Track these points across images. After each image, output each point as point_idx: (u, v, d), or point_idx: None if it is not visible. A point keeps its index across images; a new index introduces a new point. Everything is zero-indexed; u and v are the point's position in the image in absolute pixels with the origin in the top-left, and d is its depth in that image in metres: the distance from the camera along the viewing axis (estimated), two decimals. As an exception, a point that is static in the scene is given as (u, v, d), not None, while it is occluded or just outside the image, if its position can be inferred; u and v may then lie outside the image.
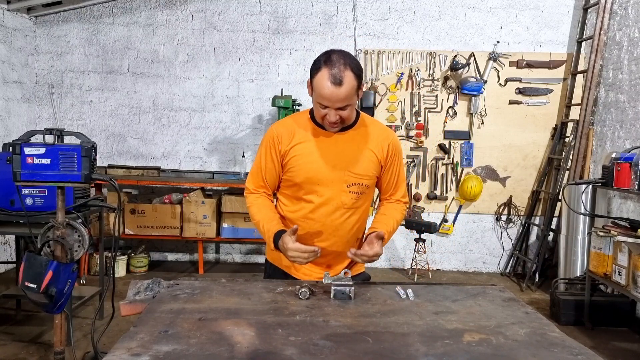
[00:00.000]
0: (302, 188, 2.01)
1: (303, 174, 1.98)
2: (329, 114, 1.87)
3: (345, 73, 1.80)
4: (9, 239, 5.37)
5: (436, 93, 5.77)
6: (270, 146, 2.01)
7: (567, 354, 1.36)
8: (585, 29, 5.58)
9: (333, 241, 2.05)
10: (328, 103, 1.84)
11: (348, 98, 1.84)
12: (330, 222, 2.02)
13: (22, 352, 3.43)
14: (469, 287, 1.96)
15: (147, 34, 5.82)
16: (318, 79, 1.84)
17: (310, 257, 1.86)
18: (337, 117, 1.88)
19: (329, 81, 1.80)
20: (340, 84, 1.80)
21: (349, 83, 1.81)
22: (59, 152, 2.18)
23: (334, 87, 1.80)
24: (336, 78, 1.79)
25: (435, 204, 5.87)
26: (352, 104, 1.88)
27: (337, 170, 1.98)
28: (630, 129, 4.75)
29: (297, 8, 5.78)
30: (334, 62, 1.82)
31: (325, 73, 1.81)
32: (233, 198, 5.36)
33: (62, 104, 5.88)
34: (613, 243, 3.91)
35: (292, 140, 1.99)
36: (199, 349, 1.32)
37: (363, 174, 2.00)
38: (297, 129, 2.01)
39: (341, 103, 1.84)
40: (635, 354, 3.78)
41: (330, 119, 1.88)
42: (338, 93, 1.81)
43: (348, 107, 1.87)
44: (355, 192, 2.01)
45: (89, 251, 4.76)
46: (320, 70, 1.83)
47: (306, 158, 1.98)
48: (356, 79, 1.84)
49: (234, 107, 5.88)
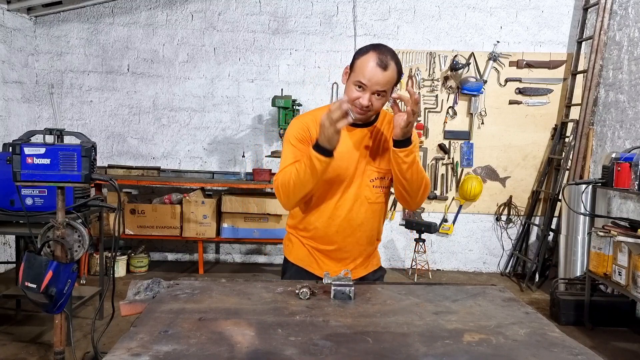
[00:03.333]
0: (328, 182, 1.98)
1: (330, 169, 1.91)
2: (363, 97, 1.86)
3: (391, 62, 1.84)
4: (9, 239, 5.37)
5: (436, 93, 5.77)
6: (301, 137, 1.98)
7: (567, 354, 1.36)
8: (585, 29, 5.58)
9: (357, 237, 2.05)
10: (368, 82, 1.84)
11: (387, 84, 1.85)
12: (355, 217, 2.01)
13: (22, 352, 3.43)
14: (469, 287, 1.96)
15: (147, 34, 5.82)
16: (363, 59, 1.85)
17: (343, 109, 1.73)
18: (370, 103, 1.87)
19: (374, 62, 1.83)
20: (385, 67, 1.83)
21: (392, 71, 1.85)
22: (59, 152, 2.18)
23: (378, 69, 1.83)
24: (382, 61, 1.83)
25: (435, 204, 5.87)
26: (386, 96, 1.90)
27: (361, 164, 1.99)
28: (630, 129, 4.75)
29: (297, 8, 5.77)
30: (382, 49, 1.87)
31: (373, 55, 1.84)
32: (233, 198, 5.37)
33: (62, 104, 5.88)
34: (613, 243, 3.91)
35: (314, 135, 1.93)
36: (199, 349, 1.32)
37: (385, 168, 2.01)
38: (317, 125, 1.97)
39: (380, 87, 1.84)
40: (635, 354, 3.78)
41: (363, 102, 1.86)
42: (381, 76, 1.83)
43: (383, 97, 1.88)
44: (378, 186, 2.03)
45: (89, 251, 4.76)
46: (368, 52, 1.86)
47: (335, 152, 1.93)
48: (397, 74, 1.88)
49: (234, 107, 5.88)
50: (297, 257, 2.13)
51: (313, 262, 2.09)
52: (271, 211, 5.30)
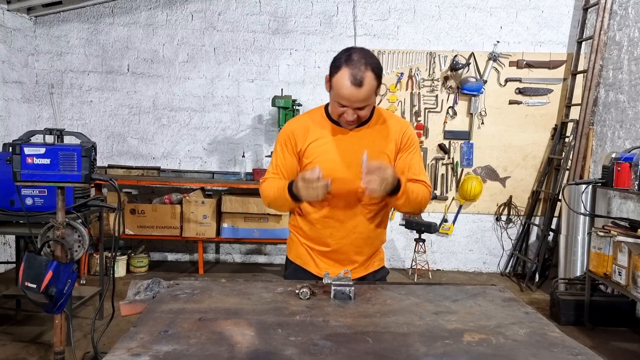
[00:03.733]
0: None
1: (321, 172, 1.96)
2: (346, 112, 1.86)
3: (366, 74, 1.78)
4: (9, 239, 5.37)
5: (436, 93, 5.77)
6: (285, 143, 2.02)
7: (567, 354, 1.36)
8: (585, 29, 5.58)
9: (353, 238, 2.04)
10: (347, 103, 1.83)
11: (367, 99, 1.83)
12: (350, 219, 2.01)
13: (22, 352, 3.43)
14: (469, 287, 1.96)
15: (147, 34, 5.82)
16: (338, 78, 1.81)
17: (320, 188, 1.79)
18: (355, 116, 1.87)
19: (349, 81, 1.78)
20: (360, 84, 1.78)
21: (369, 84, 1.79)
22: (59, 152, 2.18)
23: (354, 88, 1.78)
24: (356, 79, 1.77)
25: (435, 204, 5.87)
26: (371, 103, 1.89)
27: (353, 167, 1.96)
28: (630, 129, 4.75)
29: (297, 8, 5.77)
30: (354, 61, 1.79)
31: (345, 73, 1.79)
32: (233, 198, 5.36)
33: (62, 104, 5.88)
34: (613, 243, 3.91)
35: (307, 138, 1.99)
36: (199, 349, 1.32)
37: None
38: (312, 126, 2.01)
39: (360, 103, 1.83)
40: (635, 354, 3.78)
41: (347, 118, 1.88)
42: (358, 94, 1.79)
43: (366, 107, 1.87)
44: None
45: (89, 251, 4.76)
46: (341, 69, 1.80)
47: (323, 156, 1.97)
48: (376, 79, 1.82)
49: (234, 107, 5.88)
50: (296, 256, 2.14)
51: (310, 261, 2.10)
52: (271, 211, 5.29)
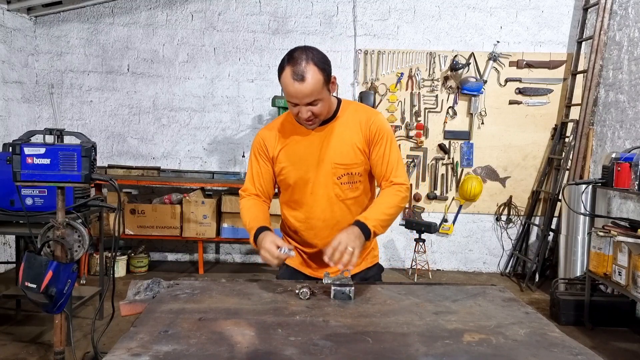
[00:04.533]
0: (296, 188, 2.03)
1: (293, 175, 2.01)
2: (300, 111, 1.87)
3: (307, 68, 1.80)
4: (9, 239, 5.37)
5: (436, 93, 5.77)
6: (259, 152, 2.06)
7: (567, 354, 1.36)
8: (585, 29, 5.58)
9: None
10: (295, 100, 1.84)
11: (314, 93, 1.82)
12: (331, 217, 2.02)
13: (22, 352, 3.43)
14: (469, 287, 1.96)
15: (147, 34, 5.82)
16: (283, 78, 1.84)
17: (278, 261, 1.82)
18: (309, 113, 1.87)
19: (291, 78, 1.80)
20: (302, 79, 1.79)
21: (312, 77, 1.80)
22: (59, 152, 2.18)
23: (297, 84, 1.80)
24: (298, 74, 1.79)
25: (435, 204, 5.87)
26: (322, 98, 1.86)
27: (324, 164, 1.98)
28: (630, 129, 4.75)
29: (297, 8, 5.78)
30: (295, 59, 1.82)
31: (288, 71, 1.81)
32: (233, 198, 5.36)
33: (62, 104, 5.88)
34: (613, 243, 3.91)
35: (277, 144, 2.03)
36: (199, 349, 1.32)
37: (350, 163, 1.99)
38: (282, 131, 2.04)
39: (308, 98, 1.83)
40: (635, 354, 3.78)
41: (302, 116, 1.88)
42: (302, 89, 1.80)
43: (318, 103, 1.86)
44: (347, 182, 2.01)
45: (89, 251, 4.76)
46: (284, 69, 1.83)
47: (293, 158, 2.00)
48: (321, 73, 1.82)
49: (234, 107, 5.88)
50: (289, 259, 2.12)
51: (302, 262, 2.12)
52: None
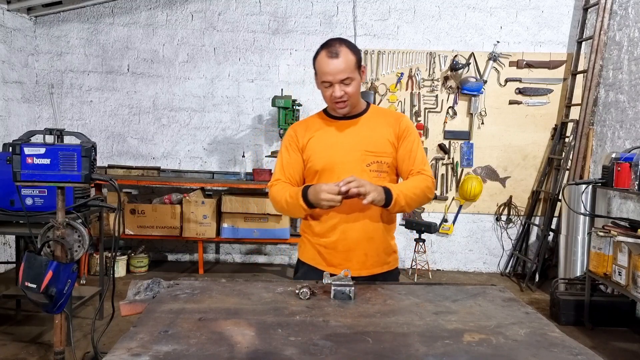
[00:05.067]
0: (324, 174, 2.07)
1: (322, 160, 2.07)
2: (334, 90, 1.98)
3: (341, 48, 1.96)
4: (9, 239, 5.37)
5: (436, 93, 5.77)
6: (290, 143, 2.15)
7: (567, 354, 1.36)
8: (585, 29, 5.58)
9: (362, 224, 2.05)
10: (330, 77, 1.96)
11: (348, 70, 1.95)
12: (356, 204, 2.02)
13: (22, 352, 3.43)
14: (469, 287, 1.96)
15: (147, 34, 5.83)
16: (318, 60, 2.00)
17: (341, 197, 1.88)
18: (342, 92, 1.98)
19: (326, 57, 1.96)
20: (337, 56, 1.95)
21: (345, 55, 1.95)
22: (59, 152, 2.18)
23: (331, 60, 1.95)
24: (332, 52, 1.95)
25: (435, 204, 5.87)
26: (354, 78, 1.99)
27: (354, 151, 2.05)
28: (630, 129, 4.75)
29: (297, 8, 5.78)
30: (330, 43, 2.00)
31: (323, 53, 1.98)
32: (233, 198, 5.36)
33: (62, 104, 5.88)
34: (613, 243, 3.91)
35: (307, 134, 2.12)
36: (199, 349, 1.32)
37: (380, 151, 2.05)
38: (312, 123, 2.16)
39: (342, 74, 1.95)
40: (635, 354, 3.78)
41: (335, 94, 1.99)
42: (337, 64, 1.94)
43: (351, 82, 1.98)
44: (375, 170, 2.06)
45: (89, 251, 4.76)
46: (319, 53, 2.00)
47: (323, 144, 2.08)
48: (353, 54, 1.98)
49: (234, 107, 5.88)
50: (307, 257, 2.17)
51: (322, 260, 2.12)
52: (271, 211, 5.29)
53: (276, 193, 2.10)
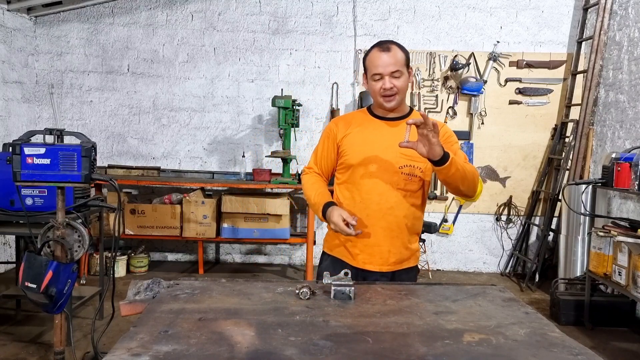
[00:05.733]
0: (358, 169, 2.13)
1: (358, 155, 2.13)
2: (384, 82, 2.06)
3: (391, 45, 2.09)
4: (9, 239, 5.37)
5: (436, 93, 5.77)
6: (328, 135, 2.23)
7: (567, 354, 1.36)
8: (585, 29, 5.58)
9: (388, 221, 2.11)
10: (381, 69, 2.06)
11: (398, 63, 2.07)
12: (386, 201, 2.10)
13: (22, 352, 3.43)
14: (469, 287, 1.96)
15: (147, 34, 5.83)
16: (370, 56, 2.10)
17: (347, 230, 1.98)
18: (392, 85, 2.07)
19: (378, 51, 2.08)
20: (388, 50, 2.07)
21: (396, 51, 2.08)
22: (59, 152, 2.19)
23: (382, 54, 2.06)
24: (384, 47, 2.08)
25: (435, 204, 5.87)
26: (404, 73, 2.09)
27: (389, 152, 2.09)
28: (630, 129, 4.75)
29: (297, 8, 5.77)
30: (381, 41, 2.14)
31: (375, 49, 2.10)
32: (233, 198, 5.36)
33: (62, 104, 5.88)
34: (613, 243, 3.91)
35: (348, 128, 2.19)
36: (199, 349, 1.32)
37: (416, 156, 2.04)
38: (354, 119, 2.23)
39: (393, 67, 2.06)
40: (635, 354, 3.78)
41: (385, 85, 2.06)
42: (388, 57, 2.06)
43: (401, 77, 2.08)
44: (407, 173, 2.11)
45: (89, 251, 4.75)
46: (371, 50, 2.11)
47: (361, 140, 2.15)
48: (403, 52, 2.10)
49: (234, 107, 5.88)
50: (332, 248, 2.24)
51: (347, 253, 2.18)
52: (271, 211, 5.30)
53: (307, 185, 2.24)
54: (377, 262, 2.14)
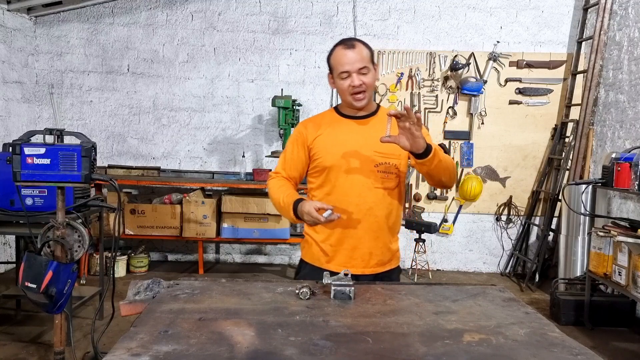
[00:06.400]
0: (332, 171, 2.09)
1: (332, 156, 2.08)
2: (352, 79, 2.03)
3: (356, 42, 2.06)
4: (9, 239, 5.37)
5: (436, 93, 5.77)
6: (297, 138, 2.18)
7: (567, 354, 1.36)
8: (585, 29, 5.58)
9: (370, 222, 2.08)
10: (348, 66, 2.02)
11: (364, 59, 2.03)
12: (364, 202, 2.06)
13: (22, 352, 3.43)
14: (469, 287, 1.96)
15: (147, 34, 5.83)
16: (334, 54, 2.07)
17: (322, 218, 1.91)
18: (361, 81, 2.03)
19: (343, 49, 2.04)
20: (353, 47, 2.03)
21: (361, 47, 2.05)
22: (59, 152, 2.19)
23: (348, 50, 2.03)
24: (348, 44, 2.04)
25: (435, 204, 5.87)
26: (370, 69, 2.05)
27: (363, 151, 2.07)
28: (630, 129, 4.75)
29: (297, 8, 5.78)
30: (344, 39, 2.10)
31: (339, 47, 2.07)
32: (233, 198, 5.36)
33: (62, 104, 5.88)
34: (613, 243, 3.91)
35: (317, 130, 2.14)
36: (199, 349, 1.32)
37: (389, 153, 2.05)
38: (324, 120, 2.18)
39: (359, 63, 2.02)
40: (635, 354, 3.78)
41: (354, 83, 2.03)
42: (353, 54, 2.02)
43: (369, 73, 2.04)
44: (383, 171, 2.08)
45: (89, 251, 4.76)
46: (335, 48, 2.08)
47: (333, 140, 2.10)
48: (368, 49, 2.06)
49: (234, 107, 5.89)
50: (311, 257, 2.18)
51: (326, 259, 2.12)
52: (271, 211, 5.29)
53: (273, 189, 2.15)
54: (358, 265, 2.08)
